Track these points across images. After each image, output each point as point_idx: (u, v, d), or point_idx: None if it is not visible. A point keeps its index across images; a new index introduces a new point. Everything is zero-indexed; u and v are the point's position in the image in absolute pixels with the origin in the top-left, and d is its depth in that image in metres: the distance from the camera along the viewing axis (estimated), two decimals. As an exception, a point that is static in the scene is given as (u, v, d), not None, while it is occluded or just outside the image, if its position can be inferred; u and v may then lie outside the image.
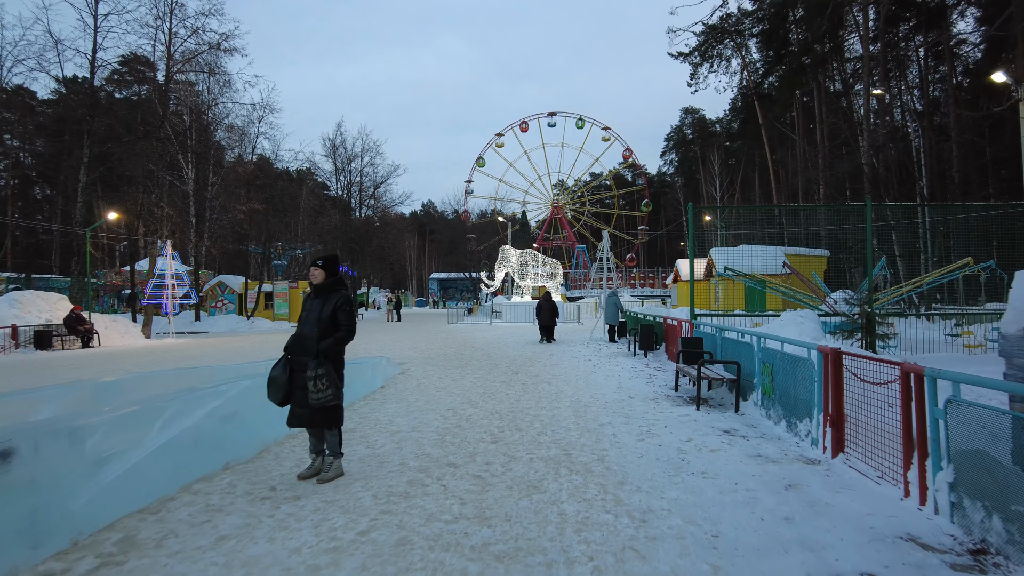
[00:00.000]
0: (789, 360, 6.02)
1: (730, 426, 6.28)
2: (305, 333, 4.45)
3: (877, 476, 4.28)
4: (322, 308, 4.47)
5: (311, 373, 4.26)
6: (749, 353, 7.28)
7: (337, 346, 4.50)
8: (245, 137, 30.74)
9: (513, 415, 6.86)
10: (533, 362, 12.33)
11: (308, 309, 4.55)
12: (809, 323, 8.94)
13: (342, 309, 4.50)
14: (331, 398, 4.33)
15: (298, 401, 4.42)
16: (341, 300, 4.52)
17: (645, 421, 6.48)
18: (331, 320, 4.46)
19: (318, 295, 4.55)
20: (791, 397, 5.94)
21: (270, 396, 4.46)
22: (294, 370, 4.44)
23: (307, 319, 4.50)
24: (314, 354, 4.35)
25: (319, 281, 4.57)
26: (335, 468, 4.59)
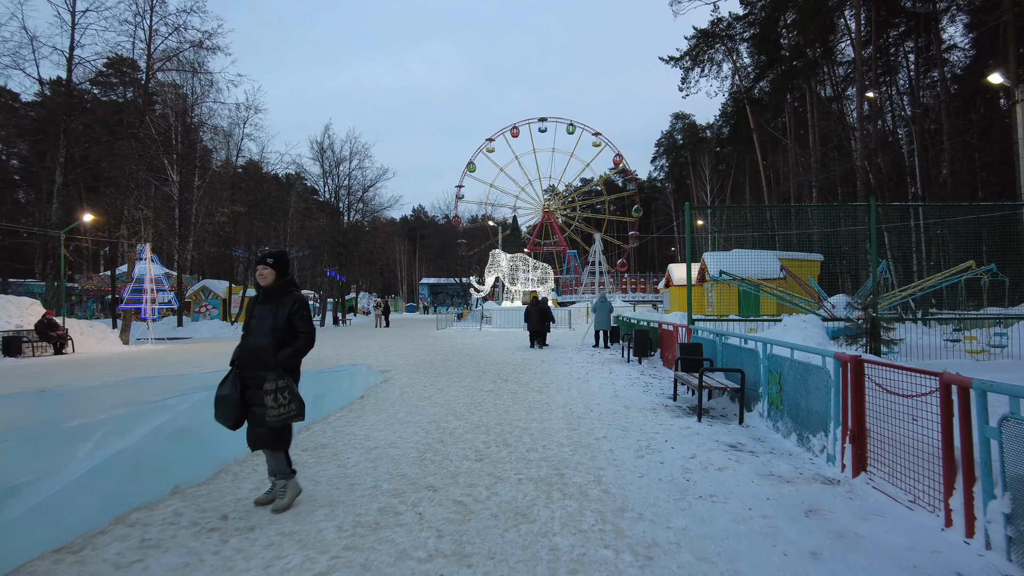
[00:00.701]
0: (800, 368, 5.55)
1: (736, 440, 5.79)
2: (258, 344, 3.88)
3: (909, 500, 3.80)
4: (275, 314, 3.90)
5: (271, 386, 3.74)
6: (754, 360, 6.81)
7: (297, 356, 3.96)
8: (230, 139, 30.04)
9: (501, 428, 6.34)
10: (523, 369, 11.82)
11: (258, 316, 3.95)
12: (813, 328, 8.50)
13: (298, 314, 3.95)
14: (294, 414, 3.84)
15: (257, 420, 3.87)
16: (296, 304, 3.96)
17: (644, 435, 5.98)
18: (287, 327, 3.91)
19: (268, 299, 3.97)
20: (802, 409, 5.47)
21: (219, 418, 3.89)
22: (246, 386, 3.90)
23: (258, 327, 3.91)
24: (271, 367, 3.81)
25: (269, 282, 3.97)
26: (291, 490, 4.04)
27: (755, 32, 43.64)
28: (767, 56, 40.40)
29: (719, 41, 46.42)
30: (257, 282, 4.02)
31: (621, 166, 70.63)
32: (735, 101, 49.49)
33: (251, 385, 3.88)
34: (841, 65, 36.96)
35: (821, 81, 39.05)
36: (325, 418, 6.89)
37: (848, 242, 21.61)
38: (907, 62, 38.38)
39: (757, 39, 42.25)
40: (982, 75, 35.93)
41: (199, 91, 25.40)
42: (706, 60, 47.37)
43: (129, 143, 20.71)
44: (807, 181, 33.55)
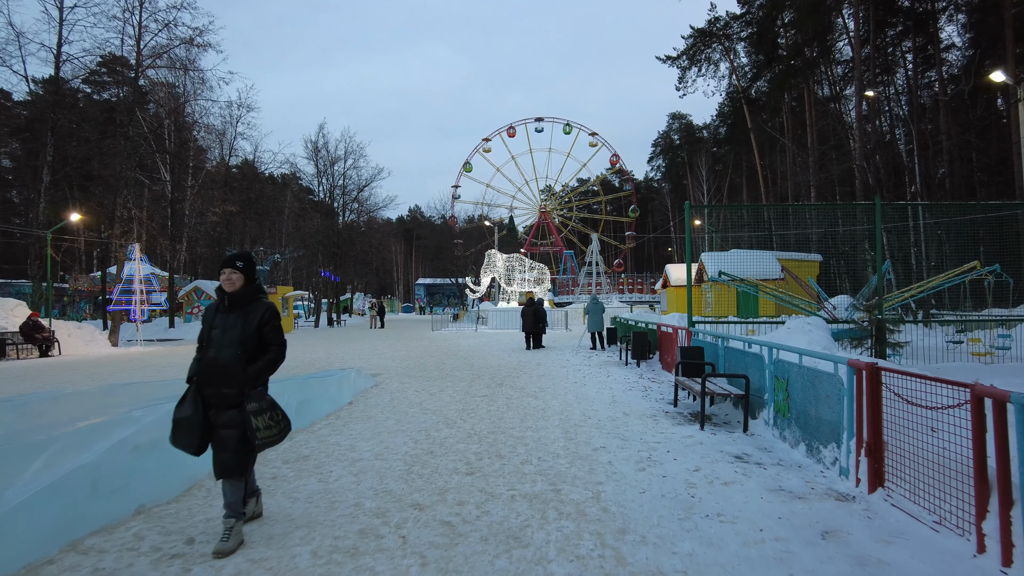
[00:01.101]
0: (809, 375, 5.26)
1: (741, 450, 5.50)
2: (223, 358, 3.42)
3: (933, 521, 3.51)
4: (243, 324, 3.47)
5: (256, 405, 3.39)
6: (759, 365, 6.52)
7: (269, 371, 3.59)
8: (223, 138, 29.67)
9: (494, 437, 6.03)
10: (519, 372, 11.51)
11: (221, 325, 3.48)
12: (818, 331, 8.23)
13: (269, 325, 3.57)
14: (277, 438, 3.50)
15: (224, 444, 3.44)
16: (267, 313, 3.57)
17: (644, 445, 5.68)
18: (256, 339, 3.51)
19: (235, 307, 3.53)
20: (812, 418, 5.18)
21: (178, 442, 3.44)
22: (208, 405, 3.45)
23: (223, 339, 3.44)
24: (239, 383, 3.43)
25: (236, 288, 3.52)
26: (238, 535, 3.43)
27: (752, 31, 43.48)
28: (765, 55, 40.21)
29: (716, 40, 46.23)
30: (221, 287, 3.57)
31: (618, 166, 70.40)
32: (732, 101, 49.34)
33: (214, 404, 3.44)
34: (840, 64, 36.79)
35: (819, 81, 38.90)
36: (310, 426, 6.57)
37: (848, 242, 21.41)
38: (904, 62, 38.30)
39: (755, 38, 42.07)
40: (979, 75, 35.88)
41: (190, 88, 25.03)
42: (703, 59, 47.19)
43: (118, 141, 20.32)
44: (805, 181, 33.35)
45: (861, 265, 24.92)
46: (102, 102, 42.37)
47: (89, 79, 39.84)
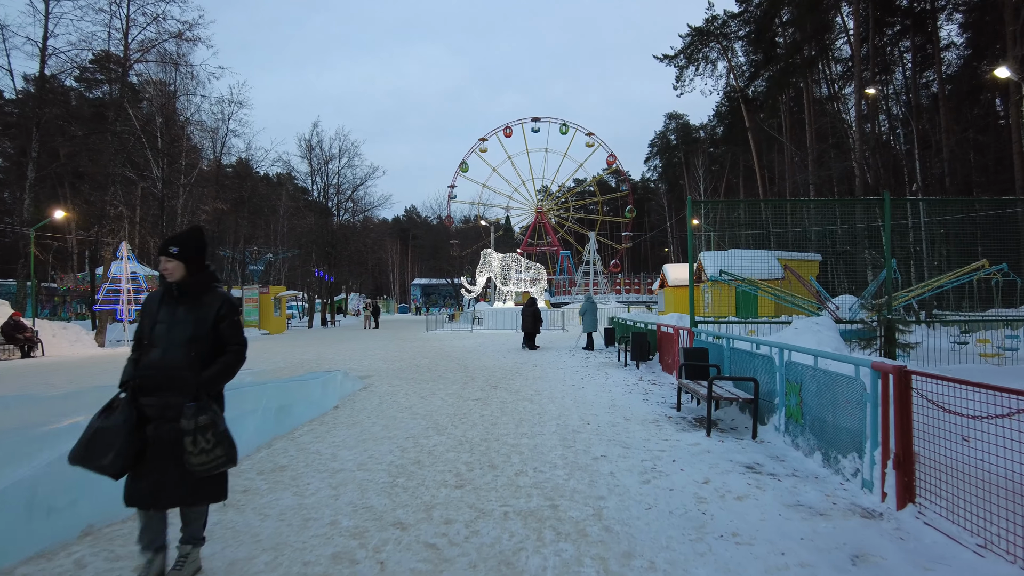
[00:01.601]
0: (826, 378, 4.88)
1: (752, 459, 5.12)
2: (167, 360, 2.82)
3: (977, 544, 3.13)
4: (195, 319, 2.90)
5: (189, 423, 2.72)
6: (768, 368, 6.14)
7: (226, 377, 2.99)
8: (215, 135, 29.17)
9: (487, 445, 5.63)
10: (514, 374, 11.12)
11: (168, 320, 2.88)
12: (827, 331, 7.87)
13: (227, 320, 2.97)
14: (222, 460, 2.82)
15: (156, 467, 2.76)
16: (224, 307, 2.98)
17: (648, 453, 5.29)
18: (211, 338, 2.93)
19: (183, 299, 2.93)
20: (828, 424, 4.80)
21: (90, 458, 2.71)
22: (146, 417, 2.81)
23: (169, 337, 2.85)
24: (189, 392, 2.81)
25: (178, 278, 2.90)
26: (192, 562, 3.00)
27: (750, 30, 43.25)
28: (763, 53, 39.95)
29: (714, 39, 45.99)
30: (161, 276, 2.97)
31: (614, 166, 70.14)
32: (730, 100, 49.09)
33: (154, 416, 2.80)
34: (839, 62, 36.55)
35: (817, 80, 38.66)
36: (290, 433, 6.16)
37: (849, 241, 21.05)
38: (903, 61, 38.11)
39: (753, 36, 41.82)
40: (976, 75, 35.71)
41: (179, 83, 24.52)
42: (701, 59, 46.94)
43: (105, 137, 19.84)
44: (804, 180, 33.08)
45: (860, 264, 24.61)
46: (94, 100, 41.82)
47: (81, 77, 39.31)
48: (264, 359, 14.67)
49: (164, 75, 26.51)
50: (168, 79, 26.01)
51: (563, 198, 73.57)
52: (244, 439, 5.30)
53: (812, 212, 27.09)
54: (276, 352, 16.98)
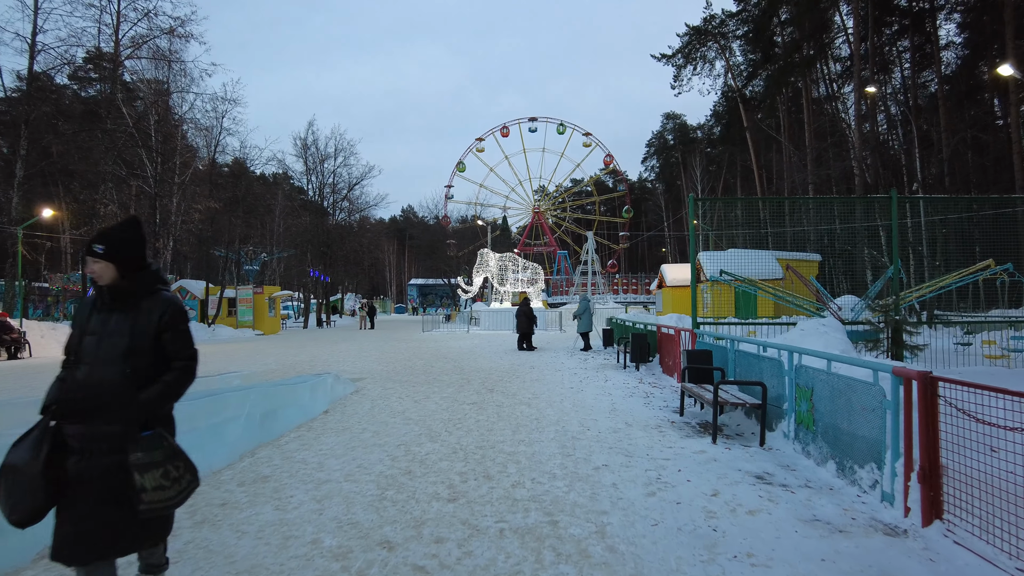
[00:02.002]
0: (840, 384, 4.62)
1: (761, 468, 4.86)
2: (96, 379, 2.31)
3: (1016, 568, 2.87)
4: (132, 329, 2.38)
5: (142, 456, 2.25)
6: (776, 371, 5.89)
7: (170, 399, 2.46)
8: (208, 134, 28.80)
9: (482, 453, 5.35)
10: (511, 377, 10.84)
11: (100, 331, 2.38)
12: (835, 333, 7.61)
13: (173, 330, 2.46)
14: (174, 500, 2.39)
15: (84, 513, 2.26)
16: (168, 313, 2.45)
17: (652, 462, 5.02)
18: (153, 351, 2.41)
19: (117, 304, 2.41)
20: (843, 432, 4.54)
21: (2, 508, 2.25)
22: (68, 449, 2.30)
23: (100, 350, 2.35)
24: (123, 419, 2.30)
25: (108, 280, 2.39)
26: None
27: (748, 30, 43.08)
28: (762, 52, 39.77)
29: (712, 39, 45.79)
30: (91, 280, 2.47)
31: (612, 166, 69.96)
32: (727, 100, 48.91)
33: (79, 449, 2.29)
34: (839, 61, 36.40)
35: (815, 80, 38.50)
36: (276, 440, 5.87)
37: (849, 240, 20.83)
38: (900, 61, 38.00)
39: (751, 35, 41.65)
40: (975, 75, 35.60)
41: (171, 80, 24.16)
42: (698, 58, 46.73)
43: (95, 135, 19.50)
44: (802, 180, 32.89)
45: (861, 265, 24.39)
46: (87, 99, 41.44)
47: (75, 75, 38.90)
48: (256, 361, 14.36)
49: (157, 72, 26.17)
50: (161, 76, 25.65)
51: (560, 198, 73.38)
52: (226, 447, 5.03)
53: (811, 212, 26.89)
54: (268, 353, 16.68)
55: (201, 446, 4.80)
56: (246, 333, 27.78)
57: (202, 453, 4.76)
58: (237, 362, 14.00)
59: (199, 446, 4.77)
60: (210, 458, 4.82)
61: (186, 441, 4.69)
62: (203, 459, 4.73)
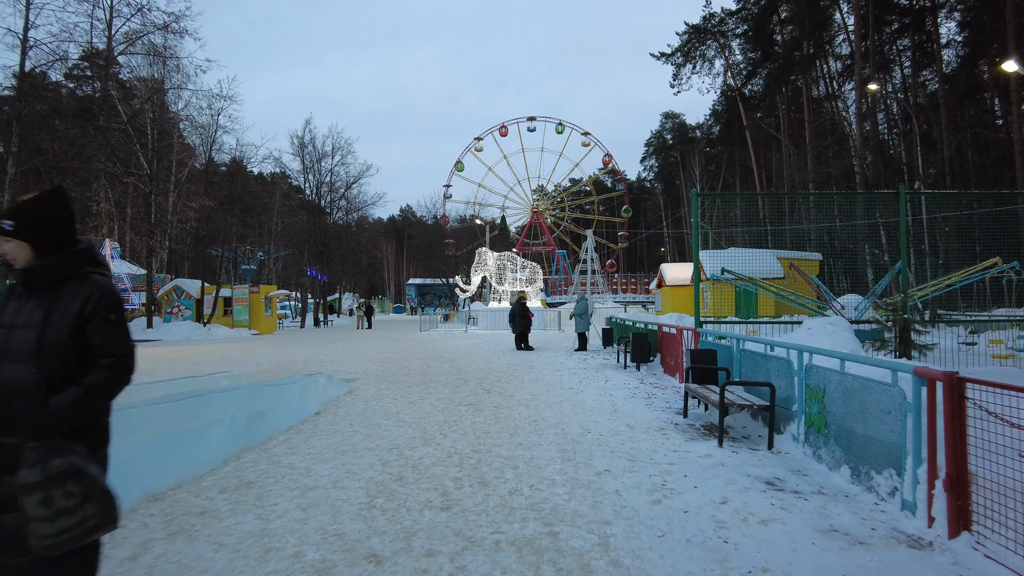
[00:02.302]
0: (855, 385, 4.38)
1: (771, 473, 4.62)
2: (6, 379, 1.93)
3: (1058, 586, 2.64)
4: (44, 319, 1.97)
5: (34, 475, 1.79)
6: (785, 372, 5.65)
7: (90, 405, 1.99)
8: (204, 132, 28.50)
9: (478, 458, 5.11)
10: (509, 377, 10.60)
11: (10, 322, 2.00)
12: (842, 332, 7.38)
13: (98, 320, 2.01)
14: (93, 524, 1.88)
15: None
16: (94, 299, 2.02)
17: (656, 467, 4.79)
18: (72, 346, 1.99)
19: (34, 291, 2.03)
20: (858, 436, 4.31)
21: None
22: None
23: (9, 346, 1.96)
24: (35, 427, 1.89)
25: (24, 262, 2.01)
26: None
27: (747, 28, 42.91)
28: (762, 50, 39.58)
29: (711, 37, 45.60)
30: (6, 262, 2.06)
31: (610, 166, 69.74)
32: (727, 99, 48.73)
33: None
34: (839, 59, 36.22)
35: (815, 78, 38.32)
36: (263, 443, 5.63)
37: (851, 238, 20.61)
38: (900, 60, 37.85)
39: (751, 33, 41.46)
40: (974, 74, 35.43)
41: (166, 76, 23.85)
42: (698, 56, 46.54)
43: (88, 132, 19.22)
44: (802, 179, 32.70)
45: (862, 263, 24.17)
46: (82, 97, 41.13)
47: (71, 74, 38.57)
48: (249, 360, 14.11)
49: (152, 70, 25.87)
50: (156, 73, 25.36)
51: (559, 198, 73.15)
52: (209, 452, 4.79)
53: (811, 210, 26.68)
54: (263, 353, 16.42)
55: (182, 450, 4.56)
56: (242, 333, 27.50)
57: (183, 458, 4.53)
58: (230, 362, 13.75)
59: (180, 450, 4.54)
60: (192, 463, 4.58)
61: (166, 445, 4.46)
62: (185, 464, 4.50)
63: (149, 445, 4.25)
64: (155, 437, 4.33)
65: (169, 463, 4.36)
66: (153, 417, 4.39)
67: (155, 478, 4.18)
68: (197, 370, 12.18)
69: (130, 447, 4.07)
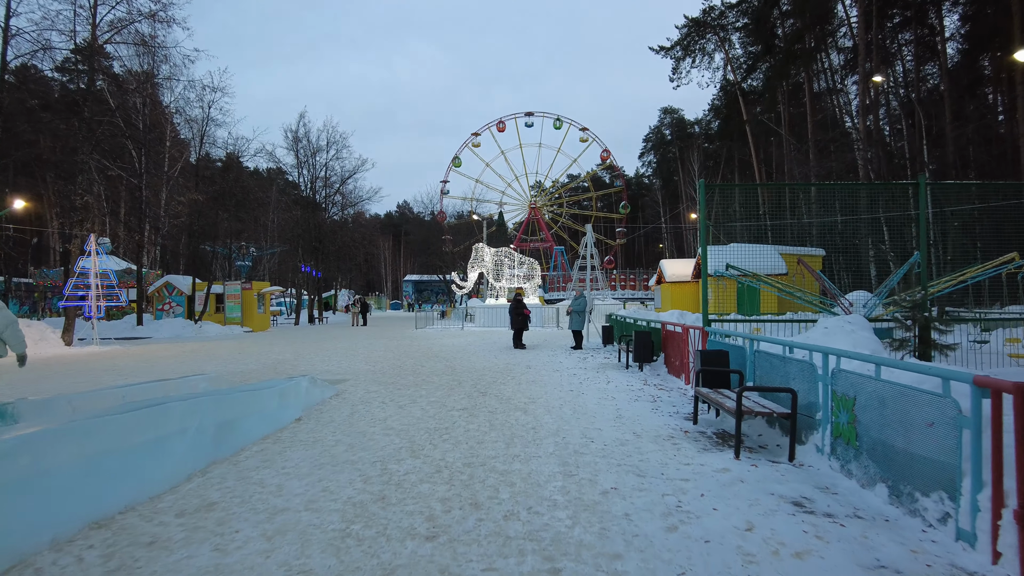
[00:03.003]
0: (893, 393, 3.89)
1: (797, 491, 4.13)
2: None
3: None
4: None
5: None
6: (807, 376, 5.16)
7: None
8: (195, 125, 27.84)
9: (470, 473, 4.61)
10: (506, 378, 10.10)
11: None
12: (862, 332, 6.90)
13: None
14: None
15: None
16: None
17: (669, 484, 4.29)
18: None
19: None
20: (898, 451, 3.82)
21: None
22: None
23: None
24: None
25: None
26: None
27: (748, 21, 42.36)
28: (763, 43, 39.04)
29: (711, 31, 45.03)
30: None
31: (608, 162, 69.21)
32: (727, 93, 48.21)
33: None
34: (842, 52, 35.72)
35: (816, 72, 37.81)
36: (235, 455, 5.11)
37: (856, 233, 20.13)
38: (902, 54, 37.39)
39: (752, 26, 40.92)
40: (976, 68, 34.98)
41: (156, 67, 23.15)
42: (697, 50, 45.98)
43: (72, 123, 18.60)
44: (803, 173, 32.21)
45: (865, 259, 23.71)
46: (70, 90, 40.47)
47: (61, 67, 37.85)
48: (236, 360, 13.58)
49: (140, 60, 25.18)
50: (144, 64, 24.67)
51: (557, 194, 72.60)
52: (169, 467, 4.29)
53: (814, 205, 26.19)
54: (251, 352, 15.89)
55: (136, 467, 4.05)
56: (234, 330, 26.95)
57: (137, 476, 4.02)
58: (216, 361, 13.23)
59: (133, 467, 4.03)
60: (148, 481, 4.06)
61: (115, 462, 3.93)
62: (138, 483, 3.99)
63: (94, 462, 3.74)
64: (102, 453, 3.82)
65: (119, 482, 3.85)
66: (100, 430, 3.87)
67: (101, 501, 3.67)
68: (179, 370, 11.66)
69: (70, 466, 3.56)
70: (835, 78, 36.94)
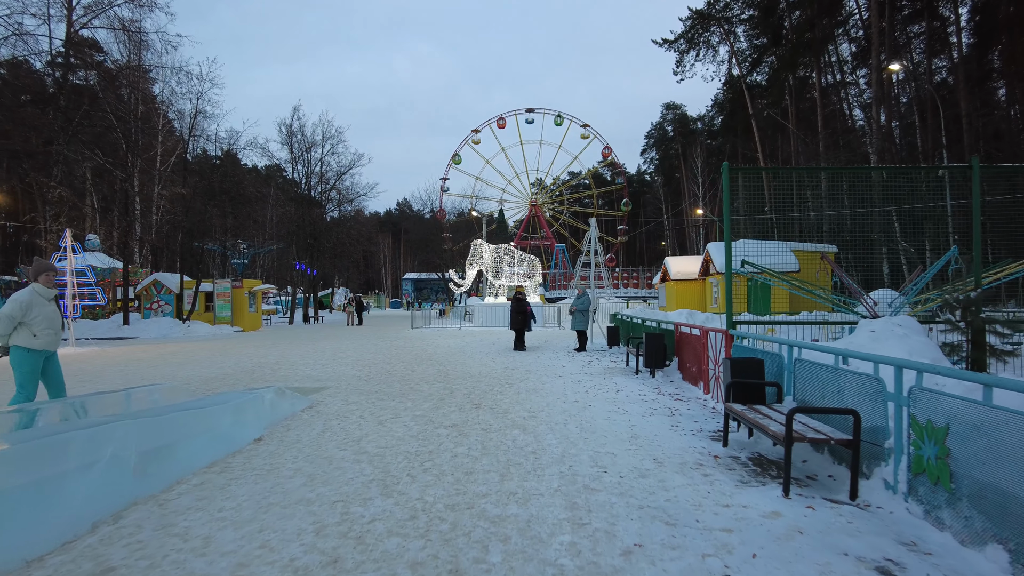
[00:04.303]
0: (1008, 421, 2.92)
1: (876, 548, 3.16)
2: None
3: None
4: None
5: None
6: (870, 394, 4.19)
7: None
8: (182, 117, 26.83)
9: (454, 519, 3.64)
10: (503, 386, 9.12)
11: None
12: (916, 336, 5.94)
13: None
14: None
15: None
16: None
17: (708, 537, 3.32)
18: None
19: None
20: (1019, 502, 2.85)
21: None
22: None
23: None
24: None
25: None
26: None
27: (753, 13, 41.33)
28: (770, 34, 38.02)
29: (715, 23, 43.98)
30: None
31: (610, 159, 68.13)
32: (731, 88, 47.19)
33: None
34: (853, 42, 34.73)
35: (826, 66, 36.81)
36: (166, 491, 4.13)
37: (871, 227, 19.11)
38: (911, 46, 36.43)
39: (758, 18, 39.89)
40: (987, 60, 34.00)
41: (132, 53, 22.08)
42: (701, 43, 44.93)
43: (47, 113, 17.64)
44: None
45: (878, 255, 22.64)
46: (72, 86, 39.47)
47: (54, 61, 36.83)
48: (213, 363, 12.62)
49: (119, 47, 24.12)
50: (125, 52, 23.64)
51: (558, 191, 71.60)
52: (64, 515, 3.32)
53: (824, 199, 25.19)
54: (234, 353, 14.93)
55: (9, 520, 3.08)
56: (224, 330, 26.02)
57: (10, 532, 3.04)
58: (192, 365, 12.26)
59: (5, 521, 3.06)
60: (28, 539, 3.09)
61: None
62: (10, 543, 3.01)
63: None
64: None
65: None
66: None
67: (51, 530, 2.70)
68: (152, 375, 10.71)
69: None
70: (844, 69, 35.98)
